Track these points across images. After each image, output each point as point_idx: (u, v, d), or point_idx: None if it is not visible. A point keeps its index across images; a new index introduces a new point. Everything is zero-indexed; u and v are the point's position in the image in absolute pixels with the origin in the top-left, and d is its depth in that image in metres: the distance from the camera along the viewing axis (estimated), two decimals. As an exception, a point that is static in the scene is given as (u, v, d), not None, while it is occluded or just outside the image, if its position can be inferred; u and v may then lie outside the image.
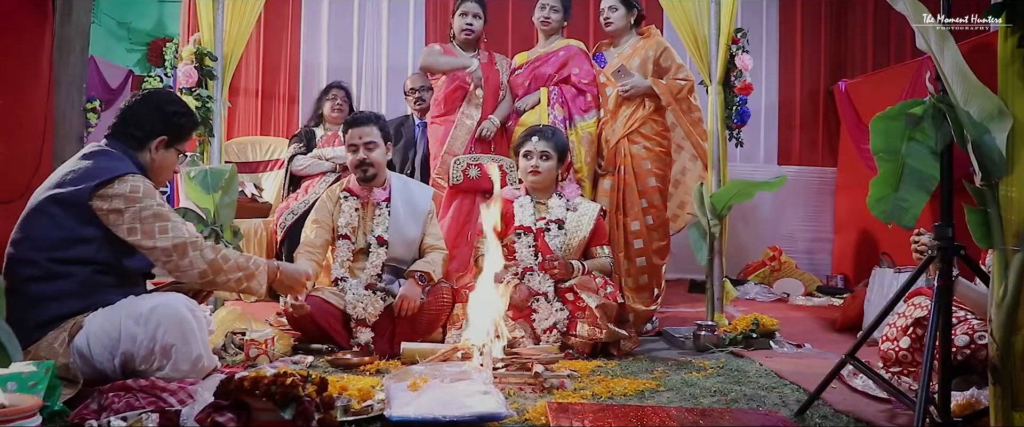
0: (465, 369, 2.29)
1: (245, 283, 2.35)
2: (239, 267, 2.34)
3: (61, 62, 5.29)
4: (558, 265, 3.23)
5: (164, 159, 2.41)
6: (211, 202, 3.48)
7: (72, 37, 5.27)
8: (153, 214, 2.22)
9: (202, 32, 3.63)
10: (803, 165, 6.07)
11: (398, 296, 3.18)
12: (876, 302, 3.80)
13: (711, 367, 2.93)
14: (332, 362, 2.86)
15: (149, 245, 2.21)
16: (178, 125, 2.42)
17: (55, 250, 2.18)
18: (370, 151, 3.32)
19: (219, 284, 2.33)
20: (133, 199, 2.21)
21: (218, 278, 2.30)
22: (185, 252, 2.24)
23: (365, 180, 3.36)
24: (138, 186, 2.23)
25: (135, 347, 2.13)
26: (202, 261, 2.26)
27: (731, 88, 3.76)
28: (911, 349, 2.52)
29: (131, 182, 2.23)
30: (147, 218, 2.21)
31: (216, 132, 3.65)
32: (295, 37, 5.86)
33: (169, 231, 2.23)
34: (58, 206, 2.20)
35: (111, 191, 2.20)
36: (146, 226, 2.21)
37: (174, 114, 2.42)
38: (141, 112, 2.41)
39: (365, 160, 3.32)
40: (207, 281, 2.30)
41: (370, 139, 3.32)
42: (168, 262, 2.24)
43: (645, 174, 3.85)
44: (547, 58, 4.01)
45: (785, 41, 6.18)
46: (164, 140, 2.39)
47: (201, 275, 2.27)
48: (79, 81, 5.25)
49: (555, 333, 3.16)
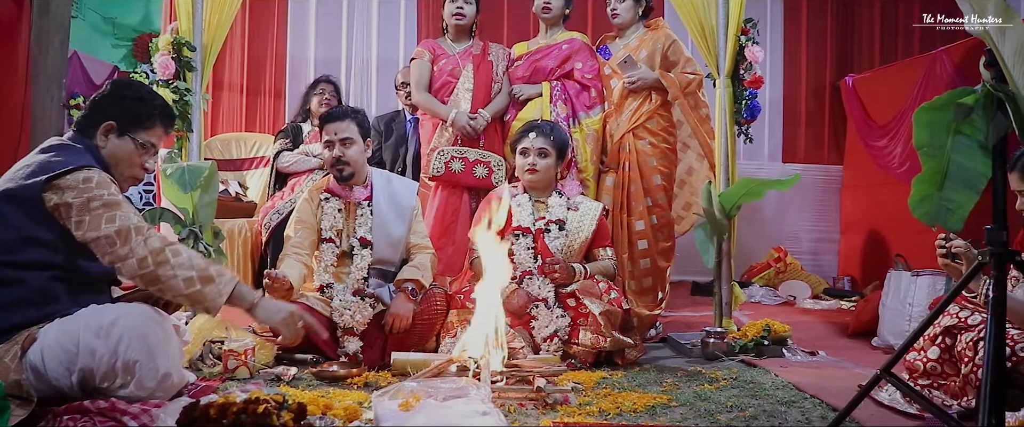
0: (462, 385, 2.09)
1: (197, 287, 2.02)
2: (192, 266, 2.03)
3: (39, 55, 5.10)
4: (559, 268, 3.07)
5: (117, 148, 2.19)
6: (190, 201, 3.27)
7: (50, 30, 5.09)
8: (103, 204, 2.01)
9: (180, 21, 3.42)
10: (808, 163, 5.94)
11: (389, 313, 3.00)
12: (893, 306, 3.65)
13: (724, 378, 2.79)
14: (317, 374, 2.68)
15: (93, 236, 1.99)
16: (128, 109, 2.19)
17: (6, 253, 1.98)
18: (346, 148, 3.12)
19: (162, 281, 2.01)
20: (83, 189, 2.00)
21: (161, 271, 1.99)
22: (128, 238, 2.00)
23: (342, 179, 3.16)
24: (91, 177, 2.03)
25: (95, 362, 1.93)
26: (144, 248, 2.00)
27: (740, 81, 3.58)
28: (940, 360, 2.38)
29: (85, 173, 2.03)
30: (96, 208, 2.00)
31: (195, 127, 3.44)
32: (281, 29, 5.68)
33: (116, 220, 2.00)
34: (10, 204, 2.00)
35: (63, 183, 2.01)
36: (94, 216, 1.99)
37: (124, 98, 2.21)
38: (97, 99, 2.23)
39: (341, 158, 3.11)
40: (147, 274, 2.00)
41: (346, 135, 3.12)
42: (110, 253, 2.01)
43: (650, 171, 3.72)
44: (549, 51, 3.85)
45: (790, 35, 6.04)
46: (112, 126, 2.17)
47: (140, 264, 1.99)
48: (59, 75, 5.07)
49: (556, 341, 3.01)
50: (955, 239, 2.24)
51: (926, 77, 4.63)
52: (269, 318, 2.17)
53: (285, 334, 2.19)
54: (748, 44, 3.53)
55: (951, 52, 4.48)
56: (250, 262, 4.50)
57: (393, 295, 3.09)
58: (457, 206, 3.73)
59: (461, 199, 3.74)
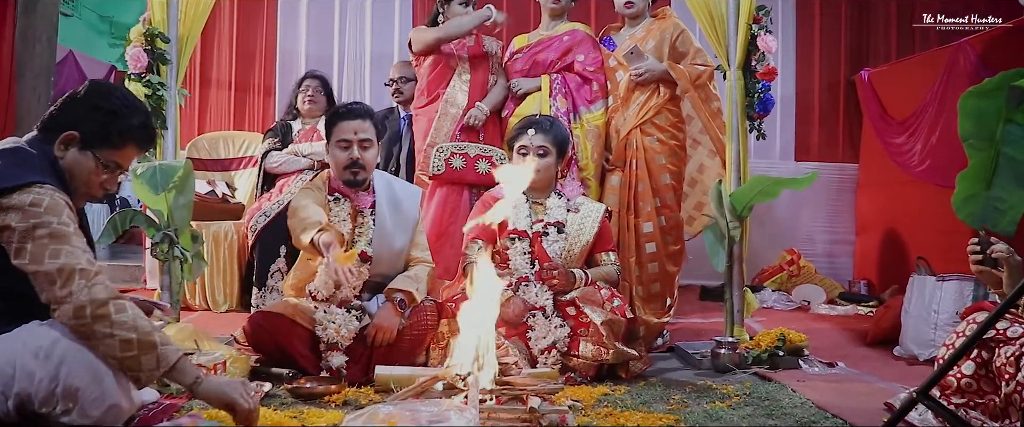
0: (444, 409, 1.87)
1: (133, 352, 1.75)
2: (135, 328, 1.76)
3: (25, 52, 4.93)
4: (558, 274, 2.89)
5: (75, 164, 1.93)
6: (163, 203, 3.06)
7: (37, 26, 4.92)
8: (49, 234, 1.76)
9: (153, 11, 3.21)
10: (822, 161, 5.73)
11: (372, 325, 2.77)
12: (916, 314, 3.45)
13: (736, 394, 2.61)
14: (292, 391, 2.49)
15: (33, 269, 1.75)
16: (97, 123, 1.93)
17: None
18: (365, 150, 2.86)
19: (96, 337, 1.75)
20: (30, 213, 1.75)
21: (97, 327, 1.73)
22: (70, 279, 1.74)
23: (354, 184, 2.89)
24: (41, 200, 1.78)
25: (33, 387, 1.72)
26: (85, 295, 1.74)
27: (752, 73, 3.36)
28: (976, 376, 2.18)
29: (35, 193, 1.78)
30: (41, 237, 1.75)
31: (170, 124, 3.23)
32: (271, 22, 5.54)
33: (61, 256, 1.75)
34: None
35: (8, 202, 1.76)
36: (37, 245, 1.75)
37: (97, 108, 1.94)
38: (68, 101, 1.97)
39: (358, 160, 2.84)
40: (82, 325, 1.74)
41: (365, 136, 2.85)
42: (47, 291, 1.76)
43: (659, 170, 3.54)
44: (549, 43, 3.70)
45: (803, 28, 5.84)
46: (73, 137, 1.91)
47: (76, 313, 1.73)
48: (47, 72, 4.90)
49: (554, 353, 2.82)
50: (997, 243, 2.00)
51: (948, 70, 4.42)
52: (217, 396, 1.86)
53: (241, 408, 1.85)
54: (761, 33, 3.32)
55: (974, 43, 4.27)
56: (236, 266, 4.36)
57: (380, 305, 2.87)
58: (456, 205, 3.56)
59: (460, 197, 3.57)
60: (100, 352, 1.75)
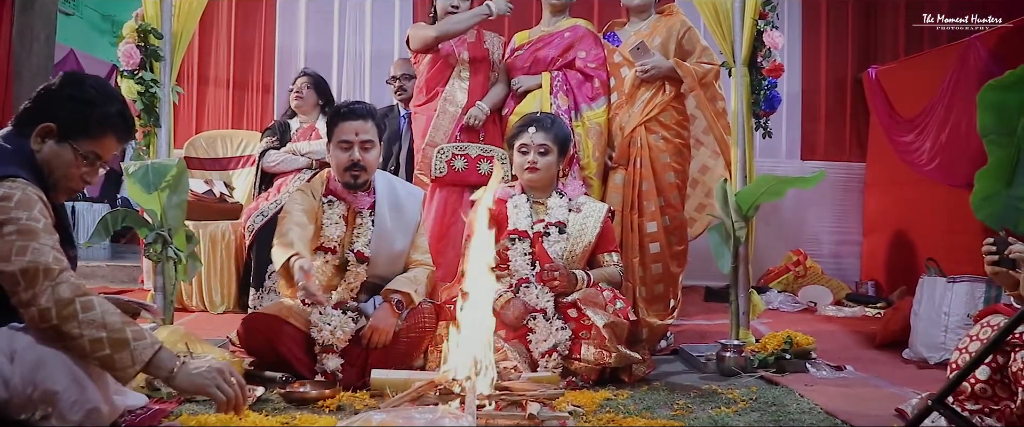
0: (440, 416, 1.80)
1: (106, 351, 1.70)
2: (104, 326, 1.70)
3: (23, 51, 4.90)
4: (559, 276, 2.83)
5: (52, 156, 1.87)
6: (157, 203, 2.99)
7: (36, 25, 4.88)
8: (18, 230, 1.70)
9: (146, 7, 3.14)
10: (829, 160, 5.66)
11: (368, 325, 2.70)
12: (926, 316, 3.39)
13: (742, 399, 2.54)
14: (285, 396, 2.42)
15: (0, 268, 1.69)
16: (73, 112, 1.87)
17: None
18: (366, 151, 2.78)
19: (66, 339, 1.69)
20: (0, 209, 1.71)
21: (66, 328, 1.67)
22: (34, 280, 1.68)
23: (354, 186, 2.82)
24: (12, 194, 1.72)
25: (8, 392, 1.67)
26: (49, 296, 1.68)
27: (758, 70, 3.29)
28: (990, 381, 2.11)
29: (5, 188, 1.73)
30: (9, 233, 1.69)
31: (164, 122, 3.16)
32: (269, 20, 5.50)
33: (27, 253, 1.68)
34: None
35: None
36: (4, 242, 1.69)
37: (71, 98, 1.88)
38: (43, 93, 1.92)
39: (359, 162, 2.77)
40: (49, 328, 1.69)
41: (367, 137, 2.77)
42: (15, 294, 1.70)
43: (663, 168, 3.48)
44: (550, 39, 3.64)
45: (809, 25, 5.77)
46: (50, 129, 1.86)
47: (41, 316, 1.67)
48: (45, 71, 4.86)
49: (555, 357, 2.76)
50: (1015, 243, 1.93)
51: (958, 67, 4.35)
52: (194, 385, 1.80)
53: (220, 398, 1.79)
54: (767, 28, 3.25)
55: (985, 39, 4.20)
56: (234, 267, 4.31)
57: (377, 306, 2.80)
58: (457, 206, 3.52)
59: (461, 198, 3.53)
60: (75, 355, 1.70)
